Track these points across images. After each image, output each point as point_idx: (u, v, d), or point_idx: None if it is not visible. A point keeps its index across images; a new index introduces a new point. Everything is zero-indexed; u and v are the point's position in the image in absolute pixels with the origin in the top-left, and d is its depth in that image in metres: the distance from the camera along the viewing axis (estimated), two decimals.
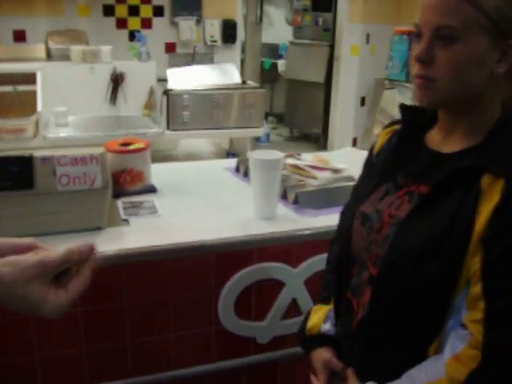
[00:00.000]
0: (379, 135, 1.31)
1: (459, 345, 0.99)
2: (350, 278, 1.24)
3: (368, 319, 1.12)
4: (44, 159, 1.57)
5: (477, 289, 0.97)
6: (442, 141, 1.12)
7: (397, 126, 1.26)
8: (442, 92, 1.03)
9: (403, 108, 1.18)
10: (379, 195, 1.18)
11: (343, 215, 1.37)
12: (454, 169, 1.02)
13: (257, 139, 6.48)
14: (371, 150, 1.32)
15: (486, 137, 1.05)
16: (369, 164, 1.31)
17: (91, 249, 0.92)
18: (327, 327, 1.31)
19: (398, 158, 1.18)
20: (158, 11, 5.53)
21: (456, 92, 1.03)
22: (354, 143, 6.68)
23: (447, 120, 1.11)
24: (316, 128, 7.50)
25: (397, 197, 1.14)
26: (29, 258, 0.88)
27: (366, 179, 1.29)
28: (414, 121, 1.18)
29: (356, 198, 1.29)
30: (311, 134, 7.84)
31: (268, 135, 7.28)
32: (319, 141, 7.50)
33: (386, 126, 1.31)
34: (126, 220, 1.76)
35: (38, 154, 1.57)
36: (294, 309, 1.81)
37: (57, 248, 0.94)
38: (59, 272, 0.88)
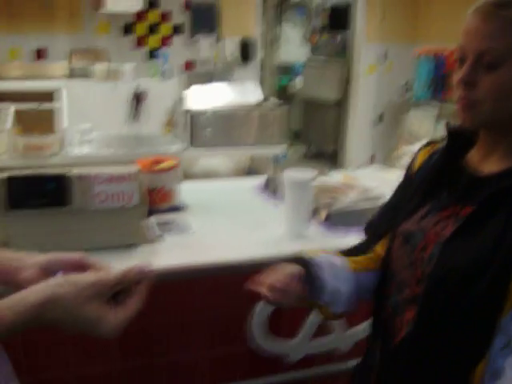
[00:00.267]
0: (418, 153, 1.31)
1: None
2: (389, 296, 1.24)
3: (413, 335, 1.11)
4: (81, 177, 1.59)
5: None
6: (481, 161, 1.13)
7: (437, 145, 1.27)
8: (484, 114, 1.05)
9: (449, 128, 1.19)
10: (421, 214, 1.18)
11: (376, 225, 1.38)
12: (497, 189, 1.03)
13: (274, 157, 6.50)
14: (410, 168, 1.32)
15: None
16: (408, 181, 1.32)
17: (147, 268, 0.93)
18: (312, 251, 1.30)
19: (441, 178, 1.18)
20: (178, 29, 5.58)
21: (498, 114, 1.05)
22: (372, 160, 6.68)
23: (488, 140, 1.13)
24: (332, 145, 7.51)
25: (442, 217, 1.14)
26: (86, 277, 0.90)
27: (405, 196, 1.30)
28: (456, 141, 1.18)
29: (394, 215, 1.30)
30: (327, 152, 7.84)
31: (285, 153, 7.29)
32: (336, 158, 7.49)
33: (425, 146, 1.32)
34: (161, 236, 1.77)
35: (75, 171, 1.59)
36: (325, 327, 1.81)
37: (110, 266, 0.95)
38: (116, 291, 0.89)
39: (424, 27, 6.23)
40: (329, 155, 7.78)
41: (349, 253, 1.37)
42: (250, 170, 4.52)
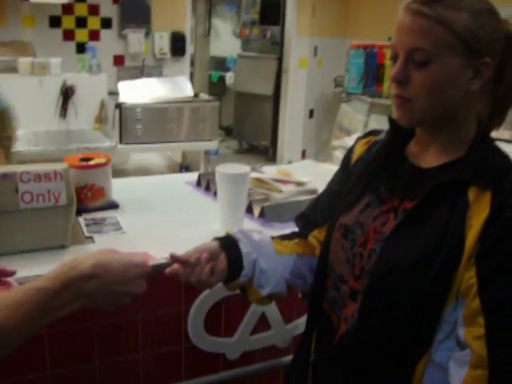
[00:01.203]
0: (356, 144, 1.31)
1: (462, 371, 0.98)
2: (325, 290, 1.23)
3: (354, 333, 1.11)
4: (5, 176, 1.51)
5: (474, 304, 0.97)
6: (419, 154, 1.14)
7: (375, 137, 1.27)
8: (419, 111, 1.05)
9: (391, 120, 1.18)
10: (360, 207, 1.18)
11: (309, 217, 1.38)
12: (439, 183, 1.04)
13: (207, 152, 6.46)
14: (347, 159, 1.32)
15: (467, 151, 1.07)
16: (345, 172, 1.31)
17: None
18: (235, 229, 1.31)
19: (380, 170, 1.19)
20: (106, 23, 5.46)
21: (432, 110, 1.05)
22: (303, 155, 6.74)
23: (424, 135, 1.13)
24: (265, 140, 7.53)
25: (381, 212, 1.14)
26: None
27: (342, 188, 1.29)
28: (397, 133, 1.19)
29: (330, 207, 1.29)
30: (260, 147, 7.86)
31: (217, 148, 7.26)
32: (268, 153, 7.52)
33: (363, 137, 1.32)
34: (91, 237, 1.71)
35: None
36: (263, 323, 1.79)
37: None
38: None
39: (354, 22, 6.34)
40: (261, 150, 7.80)
41: (275, 237, 1.37)
42: (182, 166, 4.48)
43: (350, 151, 1.33)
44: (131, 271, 1.07)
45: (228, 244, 1.26)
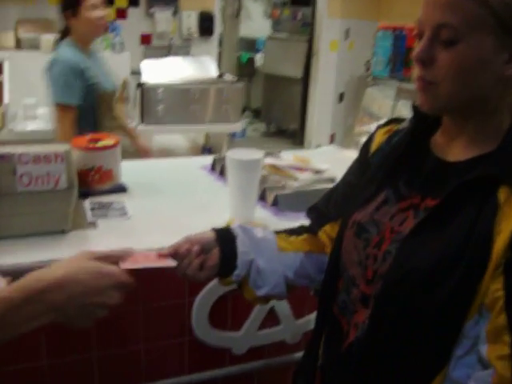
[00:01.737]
0: (376, 133, 1.20)
1: None
2: (337, 292, 1.13)
3: (364, 341, 1.01)
4: (3, 157, 1.44)
5: (500, 320, 0.85)
6: (445, 147, 1.02)
7: (397, 126, 1.15)
8: (444, 96, 0.93)
9: (416, 107, 1.06)
10: (377, 203, 1.07)
11: (322, 210, 1.28)
12: (466, 180, 0.92)
13: (232, 134, 6.37)
14: (366, 148, 1.21)
15: (499, 145, 0.94)
16: (363, 163, 1.20)
17: None
18: (236, 224, 1.22)
19: (400, 163, 1.07)
20: (134, 1, 5.37)
21: (458, 96, 0.93)
22: (332, 139, 6.61)
23: (451, 125, 1.01)
24: (293, 124, 7.41)
25: (399, 209, 1.02)
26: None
27: (359, 180, 1.18)
28: (421, 122, 1.07)
29: (345, 201, 1.19)
30: (288, 130, 7.75)
31: (244, 130, 7.17)
32: (296, 136, 7.40)
33: (384, 125, 1.20)
34: (93, 223, 1.64)
35: None
36: (271, 318, 1.71)
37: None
38: None
39: (387, 4, 6.14)
40: (289, 134, 7.68)
41: (281, 232, 1.27)
42: (205, 149, 4.39)
43: (369, 140, 1.21)
44: (102, 281, 0.97)
45: (224, 239, 1.17)
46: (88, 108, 2.75)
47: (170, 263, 1.11)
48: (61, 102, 2.69)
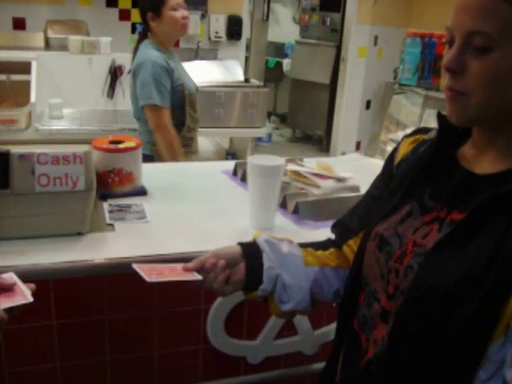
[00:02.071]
0: (401, 143, 1.16)
1: None
2: (357, 307, 1.10)
3: (382, 359, 0.97)
4: (22, 156, 1.43)
5: None
6: (474, 159, 0.98)
7: (423, 136, 1.11)
8: (474, 108, 0.89)
9: (441, 117, 1.02)
10: (400, 216, 1.03)
11: (347, 225, 1.24)
12: (495, 194, 0.87)
13: (258, 139, 6.36)
14: (391, 159, 1.17)
15: None
16: (387, 174, 1.17)
17: None
18: (262, 238, 1.19)
19: (426, 174, 1.03)
20: None
21: (490, 107, 0.89)
22: (358, 147, 6.56)
23: (480, 137, 0.97)
24: (319, 130, 7.38)
25: (423, 222, 0.98)
26: None
27: (383, 191, 1.15)
28: (448, 133, 1.03)
29: (368, 213, 1.16)
30: (314, 136, 7.71)
31: (270, 135, 7.15)
32: (322, 143, 7.36)
33: (410, 135, 1.16)
34: (111, 225, 1.62)
35: (15, 150, 1.43)
36: (288, 328, 1.67)
37: None
38: None
39: (417, 11, 6.08)
40: (315, 140, 7.65)
41: (308, 246, 1.24)
42: (229, 153, 4.38)
43: (394, 151, 1.18)
44: None
45: (250, 254, 1.16)
46: (176, 109, 2.76)
47: (197, 277, 1.10)
48: (153, 103, 2.70)
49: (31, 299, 1.01)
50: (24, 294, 1.02)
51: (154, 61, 2.69)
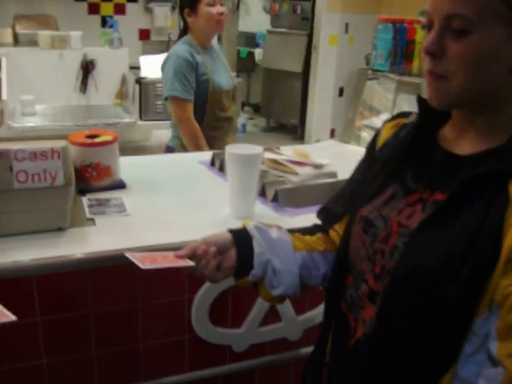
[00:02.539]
0: (383, 128, 1.18)
1: None
2: (345, 288, 1.12)
3: (371, 339, 0.99)
4: None
5: (510, 317, 0.83)
6: (455, 140, 1.00)
7: (404, 120, 1.13)
8: (455, 91, 0.91)
9: (421, 101, 1.04)
10: (384, 198, 1.05)
11: (332, 211, 1.26)
12: (475, 174, 0.89)
13: None
14: (373, 144, 1.19)
15: (509, 138, 0.91)
16: (370, 159, 1.19)
17: None
18: (252, 224, 1.20)
19: (408, 157, 1.05)
20: None
21: (470, 90, 0.90)
22: (332, 134, 6.59)
23: (460, 119, 0.99)
24: (293, 119, 7.39)
25: (407, 204, 1.01)
26: None
27: (366, 176, 1.17)
28: (428, 116, 1.05)
29: (353, 198, 1.17)
30: (288, 125, 7.72)
31: (244, 126, 7.14)
32: (296, 131, 7.38)
33: (391, 119, 1.18)
34: (92, 219, 1.62)
35: None
36: (272, 315, 1.69)
37: None
38: None
39: None
40: (289, 129, 7.66)
41: (296, 232, 1.26)
42: None
43: (376, 135, 1.20)
44: None
45: (241, 240, 1.17)
46: (199, 104, 2.75)
47: (189, 263, 1.10)
48: (175, 95, 2.72)
49: (14, 318, 1.02)
50: (6, 314, 1.02)
51: (179, 54, 2.72)
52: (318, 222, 1.32)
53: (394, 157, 1.08)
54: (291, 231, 1.25)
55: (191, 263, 1.11)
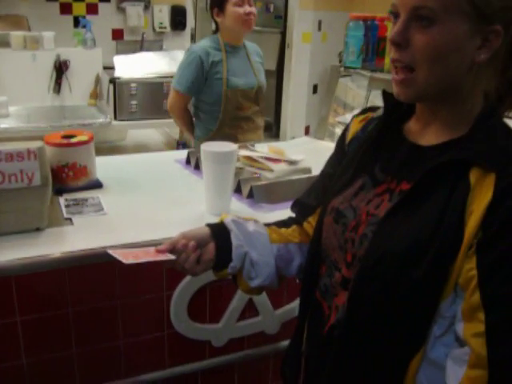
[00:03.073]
0: (352, 122, 1.21)
1: (460, 370, 0.89)
2: (319, 277, 1.15)
3: (344, 324, 1.02)
4: None
5: (474, 299, 0.87)
6: (419, 132, 1.04)
7: (371, 114, 1.17)
8: (421, 83, 0.94)
9: (386, 95, 1.08)
10: (354, 190, 1.09)
11: (306, 203, 1.29)
12: (438, 163, 0.93)
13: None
14: (342, 138, 1.23)
15: (470, 129, 0.96)
16: (340, 152, 1.22)
17: None
18: (229, 218, 1.23)
19: (375, 150, 1.09)
20: None
21: (435, 83, 0.94)
22: (307, 131, 6.62)
23: (424, 112, 1.03)
24: (268, 116, 7.40)
25: (375, 194, 1.04)
26: None
27: (336, 170, 1.20)
28: (393, 109, 1.08)
29: (324, 191, 1.21)
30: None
31: None
32: (271, 129, 7.41)
33: (360, 113, 1.22)
34: (69, 219, 1.63)
35: None
36: (250, 309, 1.72)
37: None
38: None
39: None
40: (265, 126, 7.68)
41: (272, 224, 1.29)
42: (179, 143, 4.37)
43: (346, 130, 1.23)
44: None
45: (219, 234, 1.20)
46: (212, 101, 2.76)
47: (170, 257, 1.13)
48: (174, 86, 2.80)
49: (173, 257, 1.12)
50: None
51: (194, 50, 2.77)
52: (293, 215, 1.35)
53: (362, 150, 1.11)
54: (267, 224, 1.28)
55: (172, 257, 1.13)
